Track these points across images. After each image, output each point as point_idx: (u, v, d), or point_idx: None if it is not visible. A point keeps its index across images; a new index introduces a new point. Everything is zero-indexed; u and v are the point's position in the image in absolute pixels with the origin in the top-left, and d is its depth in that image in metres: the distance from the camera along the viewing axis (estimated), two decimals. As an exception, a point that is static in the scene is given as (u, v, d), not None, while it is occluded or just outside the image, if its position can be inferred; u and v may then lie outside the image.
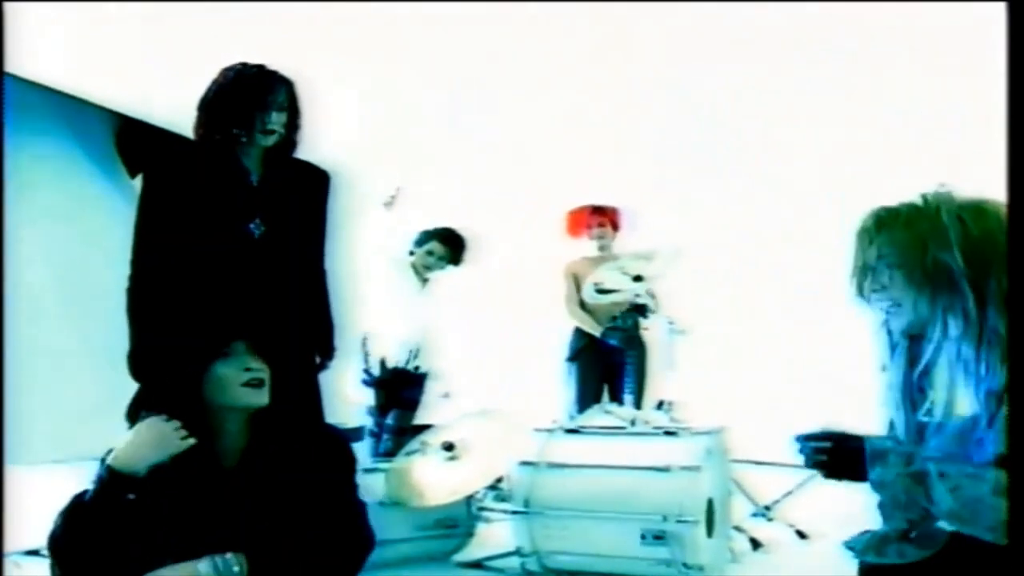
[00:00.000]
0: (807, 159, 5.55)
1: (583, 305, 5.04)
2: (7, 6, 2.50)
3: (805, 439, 1.70)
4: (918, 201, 1.76)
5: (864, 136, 5.32)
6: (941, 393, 1.70)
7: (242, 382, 1.86)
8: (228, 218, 2.69)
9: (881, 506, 1.70)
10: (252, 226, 2.72)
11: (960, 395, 1.66)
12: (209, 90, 2.78)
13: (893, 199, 1.79)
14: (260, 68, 2.77)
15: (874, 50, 4.75)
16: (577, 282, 5.10)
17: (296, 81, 2.81)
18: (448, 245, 5.03)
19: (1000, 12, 1.71)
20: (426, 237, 5.06)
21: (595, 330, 5.02)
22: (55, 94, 5.37)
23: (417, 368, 4.97)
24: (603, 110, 5.63)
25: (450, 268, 5.06)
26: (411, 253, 5.07)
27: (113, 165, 7.19)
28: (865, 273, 1.79)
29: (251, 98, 2.70)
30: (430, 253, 5.00)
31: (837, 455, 1.67)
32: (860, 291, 1.81)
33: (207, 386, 1.87)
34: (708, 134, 5.58)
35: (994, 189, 1.70)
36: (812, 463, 1.69)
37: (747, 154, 5.64)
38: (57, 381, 4.58)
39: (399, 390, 4.96)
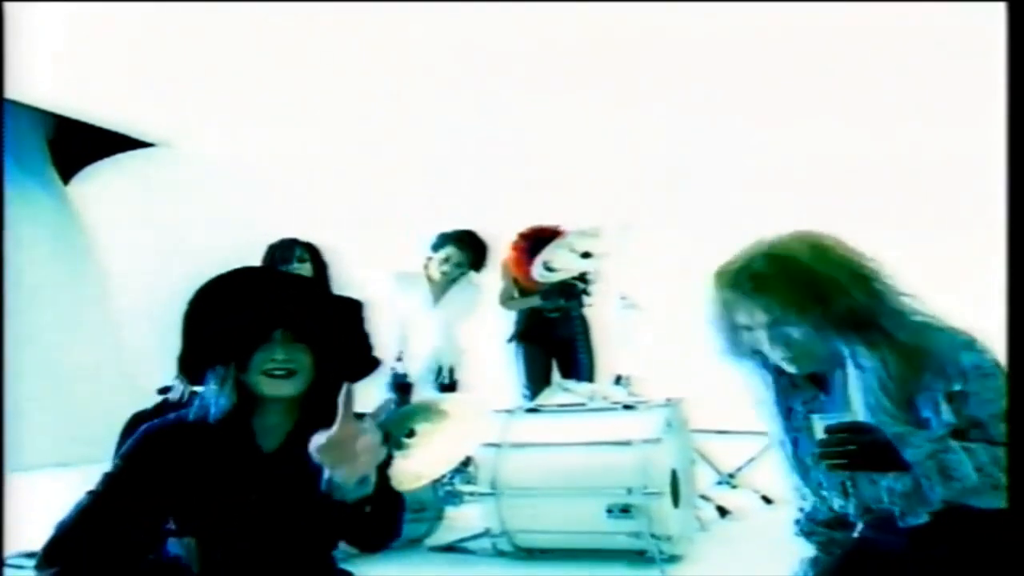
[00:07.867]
0: (761, 131, 5.59)
1: (523, 293, 4.96)
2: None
3: (828, 432, 1.61)
4: (760, 253, 1.75)
5: (836, 119, 5.37)
6: (864, 416, 1.68)
7: (263, 370, 1.88)
8: None
9: (904, 494, 1.69)
10: None
11: (885, 410, 1.66)
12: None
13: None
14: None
15: (866, 46, 4.79)
16: (516, 280, 4.97)
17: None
18: (466, 249, 4.54)
19: (1000, 12, 1.71)
20: (442, 241, 4.57)
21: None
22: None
23: (443, 382, 4.52)
24: (559, 93, 5.64)
25: (471, 275, 4.60)
26: (427, 259, 4.59)
27: (43, 166, 7.02)
28: (740, 332, 1.79)
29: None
30: (447, 259, 4.52)
31: (865, 447, 1.58)
32: (734, 349, 1.83)
33: (246, 373, 1.90)
34: (660, 110, 5.61)
35: (993, 189, 1.70)
36: (839, 459, 1.59)
37: (697, 127, 5.67)
38: (57, 386, 4.48)
39: None
